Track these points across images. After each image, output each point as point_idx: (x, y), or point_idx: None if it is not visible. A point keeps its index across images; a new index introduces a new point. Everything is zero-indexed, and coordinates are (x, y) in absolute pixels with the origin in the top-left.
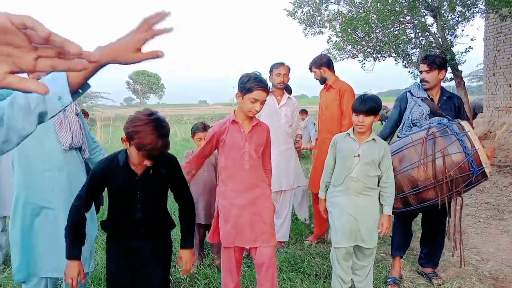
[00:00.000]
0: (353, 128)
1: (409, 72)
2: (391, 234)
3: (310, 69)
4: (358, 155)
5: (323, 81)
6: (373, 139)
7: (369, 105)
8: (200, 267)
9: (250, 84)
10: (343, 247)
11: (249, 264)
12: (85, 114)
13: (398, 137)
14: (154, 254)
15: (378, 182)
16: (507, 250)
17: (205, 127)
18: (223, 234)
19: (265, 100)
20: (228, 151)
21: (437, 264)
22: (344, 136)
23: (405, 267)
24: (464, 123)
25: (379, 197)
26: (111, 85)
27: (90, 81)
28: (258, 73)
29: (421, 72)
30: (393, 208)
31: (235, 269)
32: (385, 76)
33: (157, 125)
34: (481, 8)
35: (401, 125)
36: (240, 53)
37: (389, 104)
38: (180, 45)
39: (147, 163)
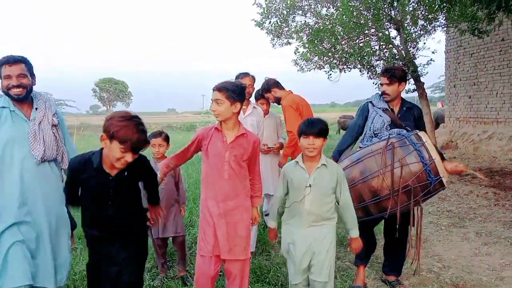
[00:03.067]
0: (301, 155)
1: (373, 83)
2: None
3: (262, 96)
4: (309, 186)
5: (278, 101)
6: (323, 164)
7: (318, 127)
8: (164, 280)
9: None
10: (299, 282)
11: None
12: None
13: (360, 147)
14: (124, 254)
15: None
16: (467, 257)
17: (160, 133)
18: (203, 243)
19: (220, 99)
20: (209, 159)
21: (401, 272)
22: (294, 166)
23: (369, 276)
24: (422, 134)
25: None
26: (76, 93)
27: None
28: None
29: (381, 84)
30: None
31: (210, 283)
32: (351, 87)
33: (138, 122)
34: (442, 22)
35: (362, 136)
36: (210, 61)
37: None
38: (149, 51)
39: (128, 157)
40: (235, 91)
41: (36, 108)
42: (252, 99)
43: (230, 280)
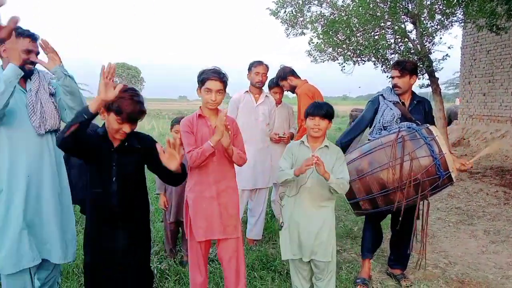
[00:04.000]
0: (306, 136)
1: (387, 77)
2: (361, 236)
3: (277, 84)
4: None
5: (293, 89)
6: (325, 145)
7: (325, 109)
8: (171, 263)
9: (204, 75)
10: (288, 259)
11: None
12: None
13: (369, 139)
14: (131, 240)
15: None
16: (474, 255)
17: None
18: (195, 228)
19: (221, 89)
20: (197, 145)
21: (406, 266)
22: (298, 144)
23: (375, 268)
24: (432, 128)
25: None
26: (90, 77)
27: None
28: (214, 67)
29: (392, 77)
30: (362, 209)
31: (203, 263)
32: (364, 80)
33: (133, 93)
34: (460, 18)
35: (372, 128)
36: (223, 50)
37: None
38: (162, 39)
39: (126, 128)
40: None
41: (30, 79)
42: (265, 88)
43: (226, 264)
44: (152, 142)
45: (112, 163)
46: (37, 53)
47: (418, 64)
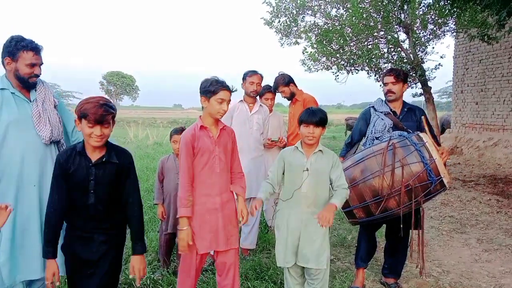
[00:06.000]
0: (301, 142)
1: (380, 85)
2: (356, 244)
3: (276, 89)
4: (307, 169)
5: (291, 97)
6: (320, 150)
7: (319, 116)
8: (164, 273)
9: (214, 86)
10: (282, 266)
11: (214, 271)
12: None
13: (362, 149)
14: (104, 246)
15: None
16: (467, 263)
17: (182, 130)
18: (199, 240)
19: (230, 100)
20: (199, 157)
21: (400, 275)
22: (292, 150)
23: (369, 277)
24: (422, 135)
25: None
26: (84, 85)
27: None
28: (216, 76)
29: (386, 84)
30: (356, 217)
31: (194, 275)
32: (357, 89)
33: (99, 99)
34: (452, 27)
35: (364, 139)
36: (217, 57)
37: None
38: (157, 46)
39: (97, 131)
40: None
41: (35, 89)
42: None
43: (223, 274)
44: (128, 158)
45: (90, 178)
46: (41, 64)
47: (411, 74)
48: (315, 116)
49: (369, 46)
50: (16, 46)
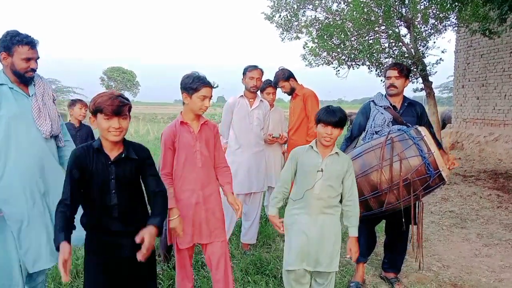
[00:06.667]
0: (316, 141)
1: (381, 81)
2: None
3: (276, 84)
4: (322, 170)
5: (291, 92)
6: (336, 152)
7: (338, 117)
8: (164, 267)
9: (196, 83)
10: (295, 269)
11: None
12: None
13: (361, 144)
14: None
15: (341, 200)
16: (467, 258)
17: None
18: (182, 236)
19: (212, 96)
20: (180, 152)
21: (400, 270)
22: (306, 150)
23: (369, 272)
24: (421, 128)
25: (341, 216)
26: (85, 80)
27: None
28: (197, 72)
29: (388, 78)
30: None
31: (190, 269)
32: (358, 84)
33: (111, 92)
34: (453, 22)
35: (364, 133)
36: (218, 51)
37: None
38: (158, 41)
39: (115, 123)
40: None
41: (34, 84)
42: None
43: (214, 268)
44: (146, 152)
45: (110, 177)
46: (37, 59)
47: (412, 68)
48: (335, 116)
49: (370, 41)
50: (12, 41)
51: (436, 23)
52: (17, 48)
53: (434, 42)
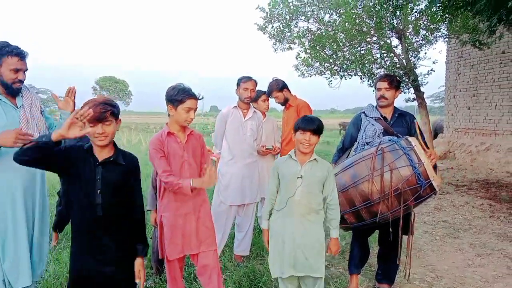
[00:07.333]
0: (294, 150)
1: (373, 91)
2: (349, 251)
3: (270, 95)
4: (301, 177)
5: (285, 102)
6: (314, 159)
7: (316, 124)
8: (157, 280)
9: (181, 95)
10: (280, 277)
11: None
12: None
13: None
14: (118, 253)
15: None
16: (460, 268)
17: None
18: (171, 247)
19: (197, 108)
20: (169, 162)
21: (393, 281)
22: (285, 159)
23: (363, 283)
24: (411, 139)
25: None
26: (80, 83)
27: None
28: (182, 84)
29: (379, 89)
30: (347, 223)
31: (180, 278)
32: (351, 94)
33: (98, 98)
34: (444, 33)
35: (355, 145)
36: (211, 62)
37: None
38: (151, 48)
39: (99, 129)
40: None
41: (21, 96)
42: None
43: (207, 279)
44: (135, 161)
45: (96, 177)
46: (25, 70)
47: (404, 79)
48: (313, 124)
49: (362, 52)
50: (1, 52)
51: (427, 34)
52: (6, 59)
53: (425, 53)
